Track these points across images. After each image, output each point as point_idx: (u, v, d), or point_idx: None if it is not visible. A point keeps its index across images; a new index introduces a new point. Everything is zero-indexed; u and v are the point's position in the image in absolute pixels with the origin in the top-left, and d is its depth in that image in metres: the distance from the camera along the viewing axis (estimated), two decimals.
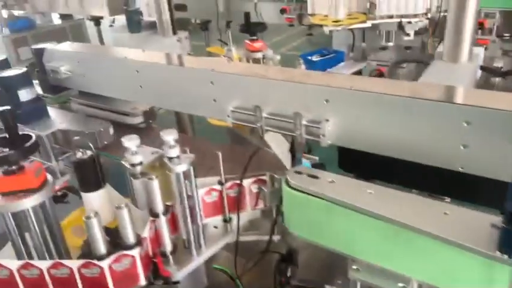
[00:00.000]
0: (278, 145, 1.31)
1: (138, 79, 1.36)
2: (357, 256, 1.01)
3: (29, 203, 0.93)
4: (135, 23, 3.53)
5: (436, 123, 0.91)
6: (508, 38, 2.63)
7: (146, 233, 1.01)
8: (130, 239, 0.95)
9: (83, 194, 1.17)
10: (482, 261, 0.82)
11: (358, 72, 3.32)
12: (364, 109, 0.99)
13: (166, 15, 1.78)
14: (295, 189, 1.03)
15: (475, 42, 1.26)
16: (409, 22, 2.97)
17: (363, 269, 1.01)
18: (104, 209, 1.17)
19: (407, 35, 3.06)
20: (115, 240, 1.00)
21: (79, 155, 1.13)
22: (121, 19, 3.36)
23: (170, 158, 1.03)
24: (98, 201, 1.15)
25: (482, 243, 0.81)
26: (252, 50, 1.63)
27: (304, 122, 1.06)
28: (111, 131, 1.61)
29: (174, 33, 1.84)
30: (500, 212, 1.15)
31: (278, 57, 1.52)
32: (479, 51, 1.22)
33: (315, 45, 6.73)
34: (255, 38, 1.67)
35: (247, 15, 1.65)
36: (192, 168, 1.05)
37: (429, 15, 2.72)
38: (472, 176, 0.96)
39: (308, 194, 1.01)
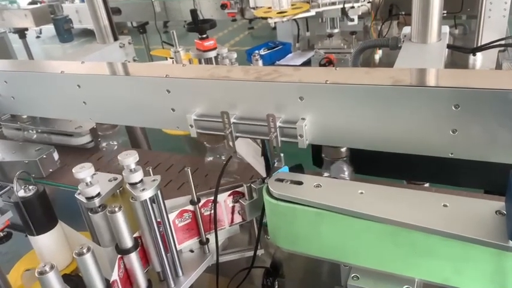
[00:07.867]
0: (248, 150, 1.20)
1: (80, 95, 1.18)
2: (355, 263, 0.93)
3: None
4: (65, 31, 3.25)
5: (424, 110, 0.84)
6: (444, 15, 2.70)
7: (115, 275, 0.86)
8: (98, 286, 0.79)
9: (31, 238, 0.99)
10: (493, 253, 0.76)
11: (308, 62, 3.29)
12: (344, 103, 0.90)
13: (104, 21, 1.60)
14: (278, 199, 0.93)
15: None
16: (352, 7, 2.99)
17: (363, 276, 0.93)
18: (59, 252, 1.01)
19: (351, 20, 3.08)
20: None
21: (21, 192, 0.95)
22: (49, 29, 3.08)
23: (133, 184, 0.89)
24: (50, 244, 0.98)
25: (490, 233, 0.75)
26: (204, 50, 1.50)
27: (279, 124, 0.96)
28: (56, 156, 1.42)
29: (115, 38, 1.66)
30: (488, 193, 1.12)
31: (235, 55, 1.40)
32: (446, 29, 1.18)
33: (257, 39, 6.68)
34: (205, 36, 1.54)
35: (193, 12, 1.51)
36: (159, 191, 0.92)
37: None
38: (452, 159, 0.91)
39: (294, 203, 0.92)
